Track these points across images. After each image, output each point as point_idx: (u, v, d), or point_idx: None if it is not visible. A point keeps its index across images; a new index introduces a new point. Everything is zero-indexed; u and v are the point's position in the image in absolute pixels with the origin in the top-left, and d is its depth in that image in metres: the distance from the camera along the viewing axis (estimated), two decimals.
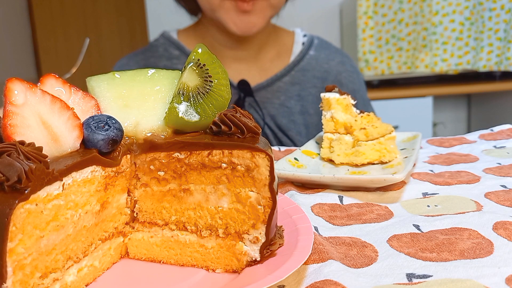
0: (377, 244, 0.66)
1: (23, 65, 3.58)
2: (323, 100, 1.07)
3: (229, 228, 0.63)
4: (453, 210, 0.76)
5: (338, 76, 1.62)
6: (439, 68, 3.34)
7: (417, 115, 3.27)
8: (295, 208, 0.71)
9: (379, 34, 3.33)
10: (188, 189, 0.63)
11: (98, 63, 3.82)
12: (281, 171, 0.91)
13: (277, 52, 1.65)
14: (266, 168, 0.59)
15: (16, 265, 0.48)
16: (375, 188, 0.88)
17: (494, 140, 1.16)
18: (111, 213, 0.63)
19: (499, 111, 3.73)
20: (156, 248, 0.67)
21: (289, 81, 1.59)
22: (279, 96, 1.57)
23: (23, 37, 3.61)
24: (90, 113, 0.61)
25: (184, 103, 0.63)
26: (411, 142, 1.10)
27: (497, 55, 3.29)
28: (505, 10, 3.21)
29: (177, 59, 1.58)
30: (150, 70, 0.68)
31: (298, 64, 1.61)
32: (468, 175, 0.92)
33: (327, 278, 0.56)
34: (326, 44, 1.71)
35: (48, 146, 0.54)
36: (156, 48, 1.63)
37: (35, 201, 0.49)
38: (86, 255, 0.60)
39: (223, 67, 0.65)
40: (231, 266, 0.63)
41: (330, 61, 1.64)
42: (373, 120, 1.05)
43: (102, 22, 3.89)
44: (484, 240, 0.65)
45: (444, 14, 3.27)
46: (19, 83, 0.53)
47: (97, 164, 0.58)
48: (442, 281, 0.55)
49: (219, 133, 0.61)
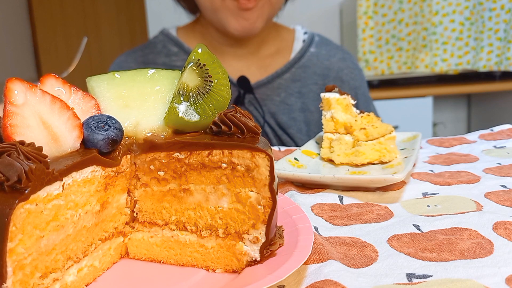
0: (377, 244, 0.66)
1: (23, 65, 3.58)
2: (323, 100, 1.07)
3: (229, 228, 0.63)
4: (453, 210, 0.76)
5: (339, 73, 1.61)
6: (439, 68, 3.34)
7: (417, 115, 3.27)
8: (295, 208, 0.71)
9: (379, 34, 3.33)
10: (188, 189, 0.63)
11: (98, 63, 3.82)
12: (281, 171, 0.91)
13: (277, 49, 1.63)
14: (266, 168, 0.59)
15: (16, 265, 0.48)
16: (375, 188, 0.88)
17: (494, 140, 1.16)
18: (111, 213, 0.63)
19: (499, 111, 3.73)
20: (156, 248, 0.67)
21: (290, 78, 1.58)
22: (280, 93, 1.56)
23: (23, 37, 3.61)
24: (90, 113, 0.61)
25: (184, 103, 0.63)
26: (411, 142, 1.10)
27: (497, 55, 3.29)
28: (505, 10, 3.21)
29: (176, 56, 1.58)
30: (150, 70, 0.68)
31: (299, 61, 1.60)
32: (468, 175, 0.92)
33: (327, 278, 0.56)
34: (327, 41, 1.70)
35: (48, 146, 0.54)
36: (155, 45, 1.62)
37: (35, 201, 0.49)
38: (86, 255, 0.60)
39: (223, 67, 0.65)
40: (231, 266, 0.63)
41: (331, 58, 1.63)
42: (373, 120, 1.05)
43: (102, 21, 3.89)
44: (484, 240, 0.65)
45: (444, 14, 3.27)
46: (19, 83, 0.53)
47: (97, 164, 0.58)
48: (442, 281, 0.55)
49: (219, 133, 0.61)
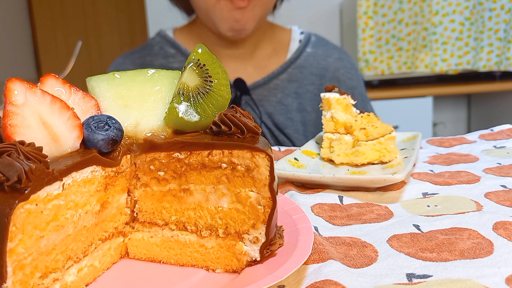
0: (377, 244, 0.66)
1: (23, 65, 3.58)
2: (323, 100, 1.07)
3: (229, 228, 0.63)
4: (453, 210, 0.76)
5: (335, 72, 1.61)
6: (439, 68, 3.34)
7: (417, 115, 3.27)
8: (295, 208, 0.71)
9: (379, 34, 3.33)
10: (188, 189, 0.63)
11: (97, 63, 3.82)
12: (281, 171, 0.91)
13: (274, 49, 1.63)
14: (266, 168, 0.59)
15: (16, 265, 0.48)
16: (375, 188, 0.88)
17: (494, 140, 1.16)
18: (111, 213, 0.63)
19: (499, 111, 3.73)
20: (156, 248, 0.67)
21: (286, 79, 1.58)
22: (276, 94, 1.56)
23: (23, 37, 3.61)
24: (90, 113, 0.61)
25: (184, 103, 0.63)
26: (411, 142, 1.10)
27: (497, 55, 3.29)
28: (505, 10, 3.21)
29: (173, 57, 1.58)
30: (150, 70, 0.68)
31: (295, 61, 1.60)
32: (468, 175, 0.92)
33: (327, 278, 0.56)
34: (324, 41, 1.69)
35: (48, 146, 0.54)
36: (152, 47, 1.62)
37: (35, 201, 0.49)
38: (86, 255, 0.60)
39: (223, 67, 0.65)
40: (231, 266, 0.63)
41: (328, 57, 1.63)
42: (373, 120, 1.05)
43: (102, 22, 3.89)
44: (484, 240, 0.65)
45: (444, 14, 3.27)
46: (19, 83, 0.53)
47: (97, 164, 0.58)
48: (442, 281, 0.55)
49: (219, 133, 0.61)
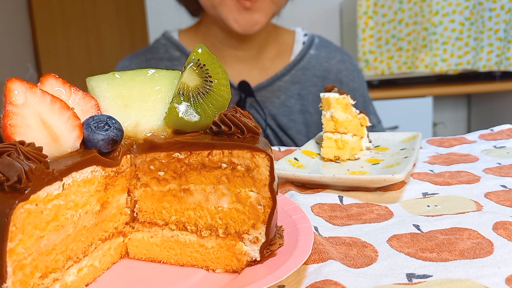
0: (377, 244, 0.66)
1: (23, 65, 3.58)
2: (323, 100, 1.07)
3: (229, 228, 0.63)
4: (453, 210, 0.76)
5: (338, 74, 1.62)
6: (439, 68, 3.34)
7: (417, 115, 3.28)
8: (295, 208, 0.71)
9: (379, 34, 3.33)
10: (188, 189, 0.63)
11: (97, 63, 3.82)
12: (281, 171, 0.91)
13: (278, 51, 1.64)
14: (266, 168, 0.59)
15: (16, 265, 0.48)
16: (375, 188, 0.88)
17: (494, 140, 1.16)
18: (111, 213, 0.63)
19: (499, 111, 3.73)
20: (156, 248, 0.67)
21: (290, 80, 1.59)
22: (280, 95, 1.57)
23: (23, 37, 3.61)
24: (90, 113, 0.61)
25: (184, 103, 0.63)
26: (411, 142, 1.10)
27: (497, 55, 3.29)
28: (505, 10, 3.21)
29: (178, 60, 1.58)
30: (150, 70, 0.68)
31: (299, 63, 1.61)
32: (468, 175, 0.92)
33: (327, 278, 0.56)
34: (327, 43, 1.70)
35: (48, 146, 0.54)
36: (157, 50, 1.62)
37: (35, 201, 0.49)
38: (86, 255, 0.60)
39: (223, 67, 0.65)
40: (231, 266, 0.63)
41: (330, 59, 1.64)
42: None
43: (102, 22, 3.88)
44: (484, 240, 0.65)
45: (444, 14, 3.27)
46: (19, 83, 0.53)
47: (97, 164, 0.58)
48: (442, 281, 0.55)
49: (219, 133, 0.61)
